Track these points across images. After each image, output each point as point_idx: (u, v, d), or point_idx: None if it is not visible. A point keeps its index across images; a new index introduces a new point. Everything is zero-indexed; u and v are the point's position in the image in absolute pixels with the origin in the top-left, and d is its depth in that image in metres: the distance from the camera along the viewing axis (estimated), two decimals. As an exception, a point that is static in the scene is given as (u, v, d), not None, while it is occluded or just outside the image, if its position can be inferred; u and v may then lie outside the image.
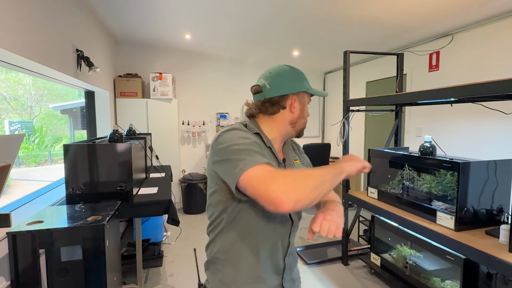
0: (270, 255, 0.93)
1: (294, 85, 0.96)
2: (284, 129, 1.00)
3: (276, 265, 0.95)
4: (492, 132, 2.64)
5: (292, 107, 0.97)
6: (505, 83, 1.39)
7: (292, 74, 0.97)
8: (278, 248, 0.94)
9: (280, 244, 0.95)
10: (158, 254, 2.85)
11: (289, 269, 1.00)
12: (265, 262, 0.92)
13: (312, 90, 0.99)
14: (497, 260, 1.45)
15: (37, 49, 1.88)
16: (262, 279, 0.92)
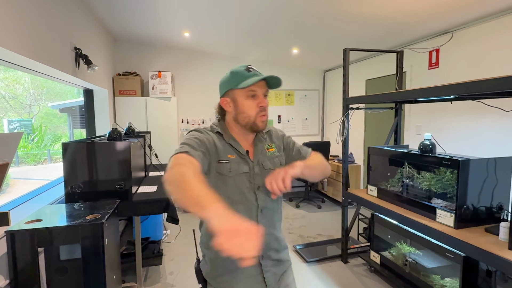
0: None
1: (222, 89, 1.08)
2: (235, 126, 1.09)
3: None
4: (492, 130, 2.64)
5: (226, 106, 1.08)
6: (505, 80, 1.38)
7: (225, 79, 1.08)
8: None
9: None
10: (157, 252, 2.85)
11: (267, 248, 1.07)
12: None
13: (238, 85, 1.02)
14: (496, 257, 1.45)
15: (35, 47, 1.87)
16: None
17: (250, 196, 1.05)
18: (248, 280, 1.06)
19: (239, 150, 1.07)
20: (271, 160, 1.11)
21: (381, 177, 2.51)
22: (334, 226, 3.76)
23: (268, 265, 1.08)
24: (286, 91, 5.31)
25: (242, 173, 1.05)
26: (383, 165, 2.51)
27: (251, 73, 1.02)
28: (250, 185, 1.05)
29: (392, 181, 2.40)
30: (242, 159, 1.06)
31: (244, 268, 1.01)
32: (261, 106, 1.04)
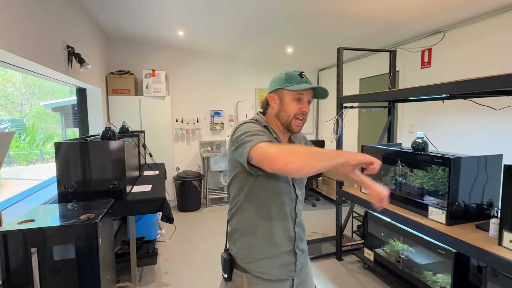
0: (282, 224, 1.13)
1: (274, 85, 1.15)
2: (274, 122, 1.17)
3: (288, 233, 1.14)
4: (483, 128, 2.68)
5: (272, 102, 1.16)
6: (495, 79, 1.41)
7: (278, 77, 1.15)
8: (288, 218, 1.14)
9: (289, 214, 1.14)
10: (152, 252, 2.84)
11: (299, 239, 1.18)
12: (278, 230, 1.12)
13: (288, 86, 1.10)
14: (487, 253, 1.48)
15: (26, 45, 1.85)
16: (276, 243, 1.12)
17: (289, 186, 1.15)
18: (283, 268, 1.14)
19: (281, 142, 1.17)
20: None
21: (375, 175, 2.53)
22: (328, 224, 3.79)
23: (300, 254, 1.18)
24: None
25: None
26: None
27: (303, 79, 1.11)
28: (288, 178, 1.14)
29: (386, 179, 2.43)
30: None
31: (280, 256, 1.13)
32: (302, 110, 1.12)
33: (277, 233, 1.12)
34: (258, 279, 1.12)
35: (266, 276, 1.12)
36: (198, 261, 2.93)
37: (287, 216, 1.14)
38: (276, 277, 1.13)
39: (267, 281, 1.12)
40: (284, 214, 1.13)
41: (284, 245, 1.13)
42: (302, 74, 1.13)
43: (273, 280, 1.13)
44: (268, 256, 1.12)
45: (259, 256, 1.13)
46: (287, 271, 1.15)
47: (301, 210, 1.21)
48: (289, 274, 1.15)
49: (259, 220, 1.12)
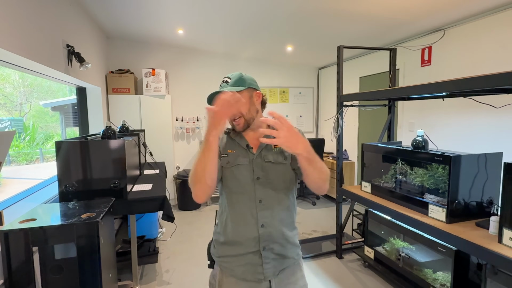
0: (243, 224, 1.13)
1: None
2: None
3: (251, 233, 1.12)
4: (483, 126, 2.68)
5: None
6: (495, 77, 1.41)
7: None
8: (248, 219, 1.12)
9: (249, 215, 1.12)
10: (153, 250, 2.84)
11: (270, 240, 1.12)
12: (240, 229, 1.13)
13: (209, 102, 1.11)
14: (487, 250, 1.49)
15: (26, 45, 1.85)
16: (239, 242, 1.13)
17: (249, 187, 1.12)
18: (249, 268, 1.13)
19: (241, 144, 1.16)
20: (275, 155, 1.15)
21: (375, 173, 2.54)
22: (328, 223, 3.79)
23: (269, 257, 1.12)
24: (280, 89, 5.32)
25: (239, 165, 1.13)
26: (377, 162, 2.54)
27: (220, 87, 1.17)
28: (249, 175, 1.12)
29: (386, 177, 2.43)
30: (242, 152, 1.15)
31: (245, 255, 1.12)
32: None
33: (238, 233, 1.12)
34: (227, 274, 1.15)
35: (232, 273, 1.14)
36: (199, 259, 2.93)
37: (247, 217, 1.12)
38: (242, 276, 1.12)
39: (235, 278, 1.14)
40: (243, 214, 1.12)
41: (247, 246, 1.12)
42: (223, 80, 1.19)
43: (240, 278, 1.13)
44: (232, 254, 1.14)
45: (224, 253, 1.16)
46: (254, 273, 1.12)
47: (272, 210, 1.12)
48: (257, 276, 1.11)
49: (224, 218, 1.16)
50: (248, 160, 1.13)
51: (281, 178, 1.15)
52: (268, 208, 1.12)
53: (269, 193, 1.13)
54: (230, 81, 1.15)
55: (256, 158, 1.13)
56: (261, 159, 1.14)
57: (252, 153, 1.15)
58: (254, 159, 1.13)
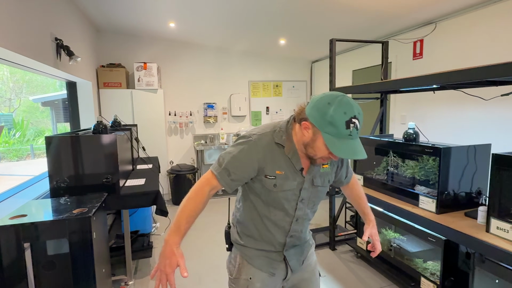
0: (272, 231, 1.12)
1: (314, 118, 0.93)
2: (299, 144, 1.03)
3: (277, 240, 1.14)
4: (473, 118, 2.72)
5: (305, 131, 0.97)
6: (483, 69, 1.42)
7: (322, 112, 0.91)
8: (278, 229, 1.12)
9: (282, 226, 1.12)
10: (147, 245, 2.85)
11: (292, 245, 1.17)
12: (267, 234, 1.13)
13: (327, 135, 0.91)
14: (475, 239, 1.52)
15: (12, 38, 1.80)
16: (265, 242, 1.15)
17: (290, 207, 1.09)
18: (267, 261, 1.16)
19: (295, 165, 1.04)
20: (323, 177, 1.12)
21: (367, 166, 2.57)
22: (322, 215, 3.83)
23: (291, 254, 1.18)
24: (274, 82, 5.31)
25: (287, 190, 1.06)
26: (369, 154, 2.55)
27: (348, 132, 0.90)
28: (293, 198, 1.08)
29: (378, 170, 2.46)
30: (292, 175, 1.05)
31: (268, 252, 1.16)
32: (331, 157, 0.97)
33: (266, 236, 1.14)
34: (247, 261, 1.17)
35: (250, 261, 1.16)
36: (193, 253, 2.95)
37: (279, 228, 1.12)
38: (259, 267, 1.16)
39: (253, 265, 1.16)
40: (276, 226, 1.12)
41: (272, 247, 1.16)
42: (352, 121, 0.90)
43: (258, 268, 1.16)
44: (256, 248, 1.16)
45: (248, 245, 1.17)
46: (275, 268, 1.17)
47: (302, 225, 1.16)
48: (274, 270, 1.17)
49: (253, 217, 1.14)
50: (296, 183, 1.06)
51: (321, 199, 1.17)
52: (300, 224, 1.15)
53: (307, 212, 1.14)
54: (359, 129, 0.94)
55: (305, 182, 1.07)
56: (310, 182, 1.09)
57: (303, 175, 1.07)
58: (303, 182, 1.07)
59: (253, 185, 1.08)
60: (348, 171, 1.26)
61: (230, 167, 1.01)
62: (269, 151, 1.03)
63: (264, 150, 1.02)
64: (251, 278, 1.15)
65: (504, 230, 1.48)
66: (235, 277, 1.17)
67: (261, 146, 1.03)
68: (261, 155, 1.02)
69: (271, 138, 1.04)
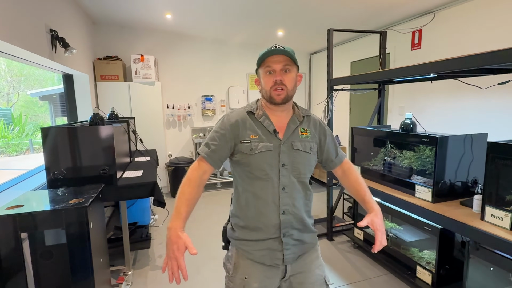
0: (264, 210, 1.11)
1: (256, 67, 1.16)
2: (265, 103, 1.17)
3: (271, 220, 1.11)
4: (470, 108, 2.72)
5: (258, 86, 1.18)
6: (480, 57, 1.42)
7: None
8: (269, 205, 1.10)
9: (271, 201, 1.10)
10: (145, 236, 2.86)
11: (290, 227, 1.12)
12: (260, 216, 1.11)
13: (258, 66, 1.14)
14: (469, 227, 1.53)
15: (7, 28, 1.79)
16: (259, 228, 1.12)
17: (272, 174, 1.09)
18: (268, 253, 1.12)
19: (268, 128, 1.12)
20: (302, 143, 1.13)
21: (365, 156, 2.57)
22: (320, 206, 3.84)
23: (289, 243, 1.12)
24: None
25: (264, 151, 1.08)
26: (366, 145, 2.56)
27: (270, 49, 1.08)
28: (274, 162, 1.09)
29: (375, 160, 2.46)
30: (267, 137, 1.10)
31: (265, 241, 1.12)
32: (276, 79, 1.08)
33: (259, 219, 1.11)
34: (244, 256, 1.15)
35: (250, 256, 1.14)
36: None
37: (268, 203, 1.10)
38: (260, 260, 1.13)
39: (251, 260, 1.14)
40: (265, 201, 1.10)
41: (267, 232, 1.11)
42: (273, 45, 1.11)
43: (257, 262, 1.13)
44: (252, 239, 1.13)
45: (244, 237, 1.15)
46: (273, 258, 1.12)
47: (293, 198, 1.11)
48: (275, 261, 1.12)
49: (243, 202, 1.14)
50: (273, 146, 1.09)
51: (307, 167, 1.14)
52: (290, 196, 1.11)
53: (293, 180, 1.11)
54: (285, 48, 1.10)
55: (283, 144, 1.09)
56: (289, 145, 1.10)
57: (279, 138, 1.10)
58: (281, 145, 1.09)
59: (235, 159, 1.12)
60: (338, 149, 1.26)
61: (209, 141, 1.12)
62: (241, 119, 1.13)
63: (236, 119, 1.13)
64: (247, 278, 1.12)
65: (499, 218, 1.49)
66: (232, 275, 1.16)
67: (234, 117, 1.14)
68: (234, 122, 1.12)
69: (243, 110, 1.16)
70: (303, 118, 1.19)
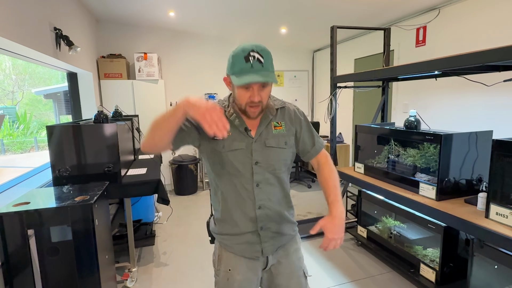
0: (239, 205, 1.10)
1: (227, 68, 1.03)
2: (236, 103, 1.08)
3: (247, 215, 1.11)
4: (475, 105, 2.69)
5: (228, 86, 1.07)
6: (484, 53, 1.40)
7: (228, 58, 1.02)
8: (244, 200, 1.10)
9: (245, 197, 1.09)
10: (150, 233, 2.88)
11: (267, 220, 1.12)
12: (235, 210, 1.11)
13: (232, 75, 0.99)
14: (474, 225, 1.53)
15: (12, 27, 1.80)
16: (235, 222, 1.12)
17: (246, 171, 1.07)
18: (248, 246, 1.13)
19: (238, 127, 1.08)
20: (276, 138, 1.10)
21: (368, 154, 2.56)
22: (323, 204, 3.84)
23: (267, 236, 1.13)
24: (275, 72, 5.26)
25: (236, 149, 1.06)
26: (370, 143, 2.55)
27: (248, 65, 0.94)
28: (247, 160, 1.06)
29: (379, 158, 2.45)
30: (239, 135, 1.07)
31: (243, 234, 1.12)
32: (251, 99, 0.99)
33: (235, 213, 1.11)
34: (226, 249, 1.17)
35: (230, 250, 1.15)
36: (195, 242, 2.99)
37: (244, 199, 1.09)
38: (241, 254, 1.14)
39: (233, 253, 1.15)
40: (239, 197, 1.09)
41: (244, 226, 1.11)
42: (250, 55, 0.95)
43: (238, 255, 1.14)
44: (230, 233, 1.14)
45: (223, 231, 1.16)
46: (253, 251, 1.13)
47: (268, 192, 1.10)
48: (255, 254, 1.13)
49: (219, 198, 1.13)
50: (245, 144, 1.07)
51: (282, 162, 1.12)
52: (265, 191, 1.10)
53: (267, 176, 1.09)
54: (264, 62, 0.96)
55: (255, 142, 1.07)
56: (261, 143, 1.08)
57: (251, 136, 1.08)
58: (253, 143, 1.07)
59: (207, 154, 1.10)
60: (315, 139, 1.20)
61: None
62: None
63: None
64: (230, 270, 1.14)
65: (504, 216, 1.49)
66: (217, 269, 1.18)
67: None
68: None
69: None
70: (276, 111, 1.14)
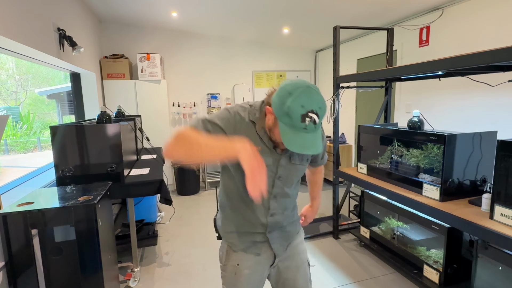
0: (251, 210, 1.11)
1: (274, 104, 0.91)
2: (267, 126, 1.00)
3: (258, 220, 1.12)
4: (479, 105, 2.68)
5: (268, 115, 0.97)
6: (488, 54, 1.39)
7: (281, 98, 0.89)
8: (256, 208, 1.11)
9: (261, 206, 1.11)
10: (152, 233, 2.88)
11: (277, 225, 1.16)
12: (247, 214, 1.12)
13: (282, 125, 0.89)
14: (478, 227, 1.52)
15: (16, 28, 1.81)
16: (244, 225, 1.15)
17: (268, 185, 1.05)
18: (254, 243, 1.15)
19: (267, 143, 1.03)
20: (301, 156, 1.11)
21: (371, 154, 2.56)
22: (325, 205, 3.84)
23: (274, 237, 1.16)
24: (277, 72, 5.27)
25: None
26: (373, 143, 2.54)
27: (302, 125, 0.86)
28: (270, 174, 1.05)
29: (382, 159, 2.44)
30: (266, 151, 1.03)
31: (252, 234, 1.14)
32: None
33: (248, 218, 1.13)
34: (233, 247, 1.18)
35: (235, 248, 1.17)
36: (197, 242, 2.99)
37: (259, 207, 1.10)
38: (248, 251, 1.17)
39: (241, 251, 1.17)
40: (252, 204, 1.09)
41: (255, 228, 1.14)
42: (309, 115, 0.85)
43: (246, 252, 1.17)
44: (238, 232, 1.16)
45: (230, 229, 1.18)
46: (260, 249, 1.17)
47: (282, 203, 1.14)
48: (262, 252, 1.17)
49: (229, 200, 1.15)
50: (272, 160, 1.04)
51: (299, 176, 1.16)
52: (280, 202, 1.13)
53: (286, 190, 1.13)
54: (318, 122, 0.88)
55: (282, 159, 1.06)
56: (287, 159, 1.07)
57: (278, 153, 1.05)
58: (280, 159, 1.06)
59: (230, 163, 1.07)
60: (324, 155, 1.33)
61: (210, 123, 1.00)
62: (245, 126, 1.02)
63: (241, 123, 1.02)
64: (239, 264, 1.16)
65: (509, 217, 1.48)
66: (224, 264, 1.20)
67: (239, 117, 1.03)
68: (238, 126, 1.01)
69: (247, 116, 1.03)
70: None
